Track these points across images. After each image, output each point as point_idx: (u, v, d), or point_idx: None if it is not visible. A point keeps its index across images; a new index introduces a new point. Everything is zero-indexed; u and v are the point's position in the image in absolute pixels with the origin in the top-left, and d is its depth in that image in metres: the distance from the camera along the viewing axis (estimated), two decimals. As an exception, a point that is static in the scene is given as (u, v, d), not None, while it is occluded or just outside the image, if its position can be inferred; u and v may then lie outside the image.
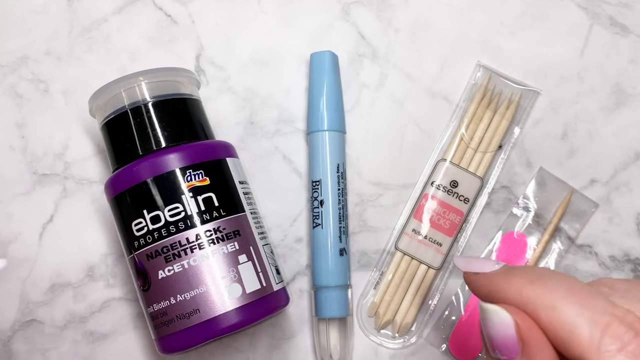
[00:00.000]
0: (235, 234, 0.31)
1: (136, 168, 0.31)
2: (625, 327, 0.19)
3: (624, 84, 0.38)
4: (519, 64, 0.39)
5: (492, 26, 0.39)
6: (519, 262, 0.37)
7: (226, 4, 0.40)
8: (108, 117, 0.32)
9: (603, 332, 0.19)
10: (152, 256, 0.31)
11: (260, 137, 0.39)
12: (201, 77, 0.39)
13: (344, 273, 0.36)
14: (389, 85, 0.39)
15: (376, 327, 0.37)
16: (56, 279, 0.37)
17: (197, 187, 0.31)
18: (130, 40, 0.39)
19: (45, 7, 0.40)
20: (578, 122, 0.38)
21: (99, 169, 0.38)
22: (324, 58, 0.37)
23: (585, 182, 0.38)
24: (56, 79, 0.39)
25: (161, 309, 0.31)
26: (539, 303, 0.20)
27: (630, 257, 0.37)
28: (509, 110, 0.38)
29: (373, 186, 0.38)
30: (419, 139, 0.39)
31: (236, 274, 0.30)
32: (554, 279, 0.21)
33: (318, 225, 0.36)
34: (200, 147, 0.32)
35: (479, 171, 0.37)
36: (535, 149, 0.38)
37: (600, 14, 0.39)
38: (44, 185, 0.38)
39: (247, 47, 0.39)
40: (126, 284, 0.37)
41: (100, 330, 0.37)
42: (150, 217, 0.31)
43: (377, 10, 0.39)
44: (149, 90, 0.32)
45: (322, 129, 0.36)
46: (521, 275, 0.22)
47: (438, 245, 0.37)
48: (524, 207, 0.37)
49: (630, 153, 0.38)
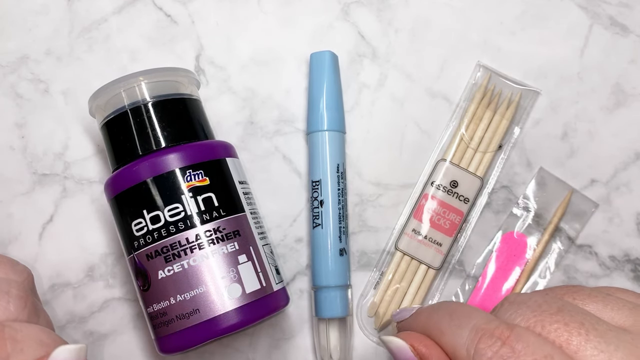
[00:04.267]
0: (235, 234, 0.31)
1: (136, 168, 0.31)
2: (495, 338, 0.21)
3: (624, 84, 0.38)
4: (519, 64, 0.39)
5: (492, 26, 0.39)
6: (519, 262, 0.37)
7: (226, 4, 0.40)
8: (108, 117, 0.32)
9: (476, 347, 0.21)
10: (151, 256, 0.31)
11: (260, 137, 0.39)
12: (201, 77, 0.39)
13: (344, 273, 0.36)
14: (389, 85, 0.39)
15: (376, 327, 0.37)
16: (56, 279, 0.37)
17: (197, 187, 0.31)
18: (130, 40, 0.39)
19: (45, 7, 0.40)
20: (578, 122, 0.38)
21: (99, 169, 0.38)
22: (324, 58, 0.37)
23: (585, 182, 0.38)
24: (56, 79, 0.39)
25: (161, 309, 0.31)
26: (432, 331, 0.24)
27: (630, 257, 0.37)
28: (509, 110, 0.38)
29: (373, 186, 0.38)
30: (419, 139, 0.39)
31: (236, 274, 0.30)
32: (443, 307, 0.24)
33: (318, 225, 0.36)
34: (200, 147, 0.32)
35: (479, 171, 0.37)
36: (535, 149, 0.38)
37: (600, 14, 0.39)
38: (44, 185, 0.38)
39: (247, 47, 0.39)
40: (126, 284, 0.37)
41: (100, 330, 0.37)
42: (150, 217, 0.31)
43: (377, 10, 0.39)
44: (149, 90, 0.32)
45: (322, 129, 0.36)
46: (424, 311, 0.26)
47: (438, 245, 0.37)
48: (524, 207, 0.37)
49: (630, 153, 0.38)
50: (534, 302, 0.22)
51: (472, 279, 0.37)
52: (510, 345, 0.20)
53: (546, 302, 0.22)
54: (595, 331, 0.20)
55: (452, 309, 0.24)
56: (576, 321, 0.21)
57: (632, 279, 0.37)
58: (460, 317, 0.23)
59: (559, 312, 0.21)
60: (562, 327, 0.21)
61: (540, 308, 0.22)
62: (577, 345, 0.20)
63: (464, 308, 0.23)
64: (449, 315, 0.23)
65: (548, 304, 0.22)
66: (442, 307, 0.24)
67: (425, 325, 0.24)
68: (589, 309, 0.22)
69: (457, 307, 0.24)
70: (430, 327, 0.24)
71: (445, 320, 0.23)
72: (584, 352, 0.20)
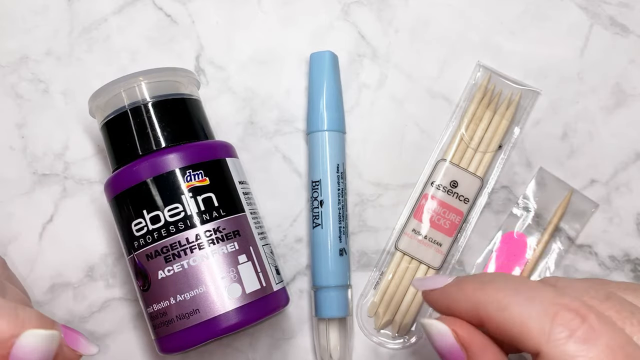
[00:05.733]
0: (235, 234, 0.31)
1: (136, 168, 0.31)
2: (573, 314, 0.20)
3: (624, 84, 0.38)
4: (519, 64, 0.39)
5: (492, 26, 0.39)
6: (519, 262, 0.37)
7: (226, 4, 0.40)
8: (108, 117, 0.32)
9: (552, 322, 0.20)
10: (151, 256, 0.31)
11: (260, 137, 0.39)
12: (201, 77, 0.39)
13: (344, 273, 0.36)
14: (389, 85, 0.39)
15: (376, 327, 0.37)
16: (56, 279, 0.37)
17: (196, 187, 0.31)
18: (130, 40, 0.39)
19: (45, 7, 0.40)
20: (578, 122, 0.38)
21: (99, 169, 0.38)
22: (324, 58, 0.37)
23: (585, 182, 0.38)
24: (56, 79, 0.39)
25: (161, 309, 0.31)
26: (490, 305, 0.21)
27: (630, 257, 0.37)
28: (509, 110, 0.38)
29: (373, 186, 0.38)
30: (419, 139, 0.39)
31: (236, 274, 0.30)
32: (501, 280, 0.22)
33: (318, 225, 0.36)
34: (200, 147, 0.32)
35: (479, 171, 0.37)
36: (535, 149, 0.38)
37: (600, 14, 0.39)
38: (44, 185, 0.38)
39: (247, 47, 0.39)
40: (126, 284, 0.37)
41: (100, 330, 0.37)
42: (150, 217, 0.31)
43: (377, 10, 0.39)
44: (149, 90, 0.32)
45: (322, 129, 0.36)
46: (471, 282, 0.23)
47: (438, 245, 0.37)
48: (524, 207, 0.37)
49: (630, 153, 0.38)
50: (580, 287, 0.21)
51: (472, 279, 0.37)
52: (591, 324, 0.19)
53: (592, 288, 0.21)
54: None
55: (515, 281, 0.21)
56: (626, 310, 0.20)
57: (632, 279, 0.37)
58: (528, 290, 0.21)
59: (608, 300, 0.21)
60: (614, 314, 0.20)
61: (588, 294, 0.21)
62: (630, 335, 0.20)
63: (528, 281, 0.22)
64: (512, 288, 0.21)
65: (595, 290, 0.21)
66: (499, 279, 0.22)
67: (478, 298, 0.22)
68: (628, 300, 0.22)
69: (520, 280, 0.22)
70: (485, 300, 0.21)
71: (508, 293, 0.21)
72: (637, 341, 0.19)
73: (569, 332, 0.19)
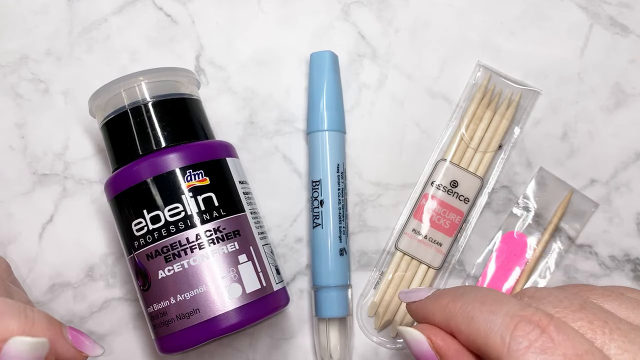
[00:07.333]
0: (235, 234, 0.31)
1: (136, 168, 0.31)
2: (532, 325, 0.20)
3: (624, 84, 0.38)
4: (519, 64, 0.39)
5: (492, 26, 0.39)
6: (519, 262, 0.37)
7: (226, 4, 0.40)
8: (108, 117, 0.32)
9: (512, 334, 0.20)
10: (152, 256, 0.31)
11: (260, 137, 0.39)
12: (201, 77, 0.39)
13: (344, 273, 0.36)
14: (389, 85, 0.39)
15: (376, 327, 0.37)
16: (56, 279, 0.37)
17: (197, 187, 0.31)
18: (130, 40, 0.39)
19: (45, 7, 0.40)
20: (578, 122, 0.38)
21: (99, 169, 0.38)
22: (324, 58, 0.37)
23: (585, 182, 0.38)
24: (56, 79, 0.39)
25: (161, 309, 0.31)
26: (459, 317, 0.22)
27: (630, 257, 0.37)
28: (509, 110, 0.38)
29: (373, 186, 0.38)
30: (419, 139, 0.39)
31: (236, 274, 0.30)
32: (472, 293, 0.23)
33: (318, 225, 0.36)
34: (200, 147, 0.32)
35: (479, 171, 0.37)
36: (535, 149, 0.38)
37: (600, 14, 0.39)
38: (44, 185, 0.38)
39: (247, 47, 0.39)
40: (126, 284, 0.37)
41: (100, 330, 0.37)
42: (150, 217, 0.31)
43: (377, 10, 0.39)
44: (149, 90, 0.32)
45: (322, 129, 0.36)
46: (445, 295, 0.24)
47: (438, 245, 0.37)
48: (524, 207, 0.37)
49: (630, 153, 0.38)
50: (555, 297, 0.22)
51: (472, 278, 0.37)
52: (549, 334, 0.19)
53: (567, 298, 0.22)
54: (618, 330, 0.20)
55: (483, 294, 0.22)
56: (600, 319, 0.20)
57: (632, 279, 0.37)
58: (493, 303, 0.21)
59: (581, 309, 0.21)
60: (586, 324, 0.20)
61: (562, 304, 0.21)
62: (602, 344, 0.20)
63: (495, 294, 0.22)
64: (479, 300, 0.22)
65: (569, 300, 0.21)
66: (470, 292, 0.23)
67: (449, 310, 0.23)
68: (606, 307, 0.22)
69: (488, 293, 0.22)
70: (455, 312, 0.22)
71: (475, 306, 0.22)
72: (607, 351, 0.20)
73: (527, 342, 0.20)
